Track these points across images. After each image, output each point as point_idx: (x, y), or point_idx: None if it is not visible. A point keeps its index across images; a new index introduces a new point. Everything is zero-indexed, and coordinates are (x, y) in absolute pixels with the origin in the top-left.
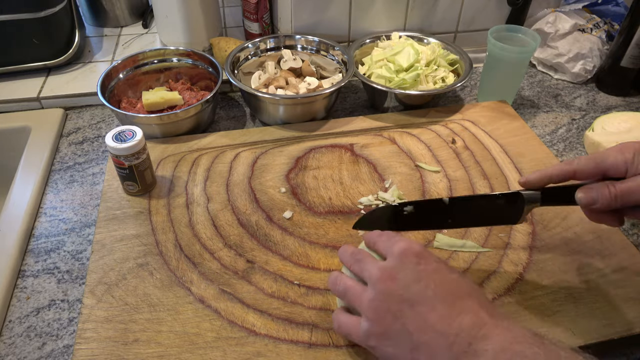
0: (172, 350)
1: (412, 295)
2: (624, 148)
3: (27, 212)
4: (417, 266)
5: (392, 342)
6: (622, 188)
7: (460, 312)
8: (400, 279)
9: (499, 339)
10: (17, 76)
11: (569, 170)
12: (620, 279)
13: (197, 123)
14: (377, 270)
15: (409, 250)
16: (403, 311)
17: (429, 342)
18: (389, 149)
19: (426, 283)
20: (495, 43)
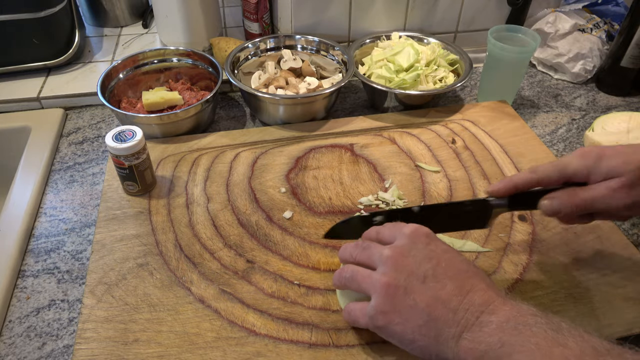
0: (172, 350)
1: (424, 272)
2: (585, 154)
3: (27, 212)
4: (428, 245)
5: (402, 318)
6: (584, 197)
7: (470, 290)
8: (412, 255)
9: (505, 313)
10: (17, 76)
11: (533, 178)
12: (620, 279)
13: (197, 123)
14: (388, 250)
15: (419, 231)
16: (414, 286)
17: (438, 317)
18: (389, 149)
19: (437, 261)
20: (495, 43)
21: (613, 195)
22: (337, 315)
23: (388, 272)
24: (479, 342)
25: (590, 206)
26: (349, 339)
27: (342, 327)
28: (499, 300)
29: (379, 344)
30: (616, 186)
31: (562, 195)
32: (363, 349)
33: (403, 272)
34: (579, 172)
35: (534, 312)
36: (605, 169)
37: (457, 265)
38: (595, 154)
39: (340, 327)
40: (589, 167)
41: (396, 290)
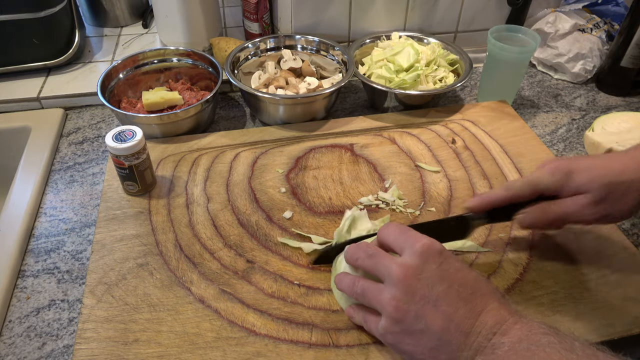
0: (172, 350)
1: (436, 295)
2: (554, 170)
3: (27, 212)
4: (441, 265)
5: (412, 340)
6: (556, 212)
7: (482, 310)
8: (423, 277)
9: (517, 333)
10: (17, 76)
11: (507, 196)
12: (620, 279)
13: (197, 123)
14: (398, 268)
15: (432, 248)
16: (426, 311)
17: (450, 341)
18: (389, 149)
19: (450, 283)
20: (495, 43)
21: (582, 211)
22: (337, 315)
23: (398, 296)
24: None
25: (561, 220)
26: (349, 339)
27: (342, 327)
28: (511, 319)
29: (378, 344)
30: (585, 202)
31: (536, 210)
32: (363, 349)
33: (415, 296)
34: (550, 188)
35: (545, 330)
36: (574, 185)
37: (470, 285)
38: (564, 172)
39: (340, 327)
40: (559, 183)
41: (406, 314)
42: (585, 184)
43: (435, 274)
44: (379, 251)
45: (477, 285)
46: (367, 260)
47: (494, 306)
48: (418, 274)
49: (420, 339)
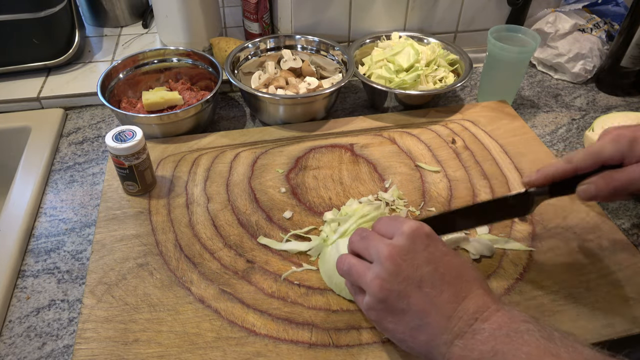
0: (172, 350)
1: (421, 277)
2: (617, 137)
3: (27, 212)
4: (428, 247)
5: (394, 319)
6: (621, 180)
7: (466, 295)
8: (409, 258)
9: (498, 320)
10: (17, 76)
11: (569, 168)
12: (620, 279)
13: (197, 123)
14: (386, 248)
15: (419, 230)
16: (410, 291)
17: (431, 323)
18: (389, 149)
19: (435, 266)
20: (495, 43)
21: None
22: (337, 315)
23: (382, 274)
24: (471, 349)
25: (627, 188)
26: (349, 339)
27: (342, 327)
28: (493, 306)
29: (378, 344)
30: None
31: (599, 180)
32: (363, 349)
33: (399, 276)
34: (613, 157)
35: (526, 318)
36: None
37: (455, 269)
38: (628, 138)
39: (340, 327)
40: (623, 151)
41: (390, 293)
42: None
43: (421, 256)
44: (371, 234)
45: (463, 271)
46: (360, 242)
47: (477, 293)
48: (404, 254)
49: (402, 318)
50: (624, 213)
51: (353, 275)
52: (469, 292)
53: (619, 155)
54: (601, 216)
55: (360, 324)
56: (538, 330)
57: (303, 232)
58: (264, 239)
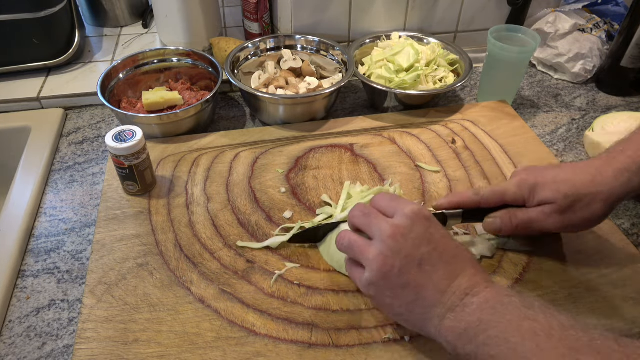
0: (172, 350)
1: (421, 255)
2: (520, 183)
3: (27, 212)
4: (428, 229)
5: (392, 293)
6: (523, 219)
7: (460, 273)
8: (411, 238)
9: (486, 295)
10: (17, 76)
11: (475, 200)
12: (620, 279)
13: (197, 123)
14: (388, 226)
15: (421, 213)
16: (409, 268)
17: (427, 297)
18: (389, 149)
19: (435, 246)
20: (495, 43)
21: (546, 220)
22: (337, 315)
23: (385, 251)
24: (460, 320)
25: (528, 227)
26: (349, 339)
27: (342, 327)
28: (483, 284)
29: (379, 344)
30: (549, 211)
31: (504, 216)
32: (363, 349)
33: (400, 253)
34: (516, 199)
35: (511, 293)
36: (539, 198)
37: (452, 250)
38: (530, 185)
39: (340, 327)
40: (525, 195)
41: (391, 269)
42: (549, 196)
43: (422, 236)
44: (373, 211)
45: (458, 253)
46: (363, 218)
47: (470, 272)
48: (406, 233)
49: (401, 293)
50: (624, 213)
51: (355, 250)
52: (463, 270)
53: (521, 199)
54: None
55: (360, 324)
56: (520, 301)
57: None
58: (241, 242)
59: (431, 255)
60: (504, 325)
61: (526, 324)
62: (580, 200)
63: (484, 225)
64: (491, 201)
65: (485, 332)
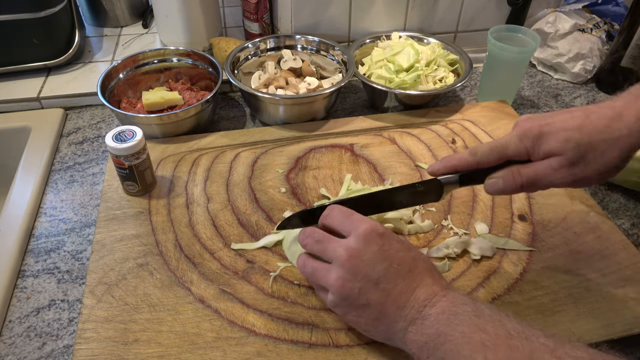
0: (172, 350)
1: (377, 274)
2: (523, 135)
3: (27, 212)
4: (382, 247)
5: (357, 313)
6: (528, 176)
7: (417, 285)
8: (366, 258)
9: (442, 305)
10: (17, 76)
11: (472, 161)
12: (620, 279)
13: (197, 123)
14: (344, 251)
15: (374, 231)
16: (368, 288)
17: (388, 314)
18: (389, 149)
19: (390, 262)
20: (495, 43)
21: (554, 174)
22: (337, 315)
23: (343, 275)
24: (421, 334)
25: (533, 184)
26: (349, 339)
27: (342, 327)
28: (440, 294)
29: (378, 344)
30: (557, 165)
31: (506, 174)
32: (363, 349)
33: (358, 275)
34: (519, 153)
35: (465, 301)
36: (545, 149)
37: (408, 264)
38: (534, 135)
39: (340, 327)
40: (528, 148)
41: (351, 291)
42: (556, 146)
43: (376, 255)
44: (325, 236)
45: (415, 264)
46: (315, 246)
47: (427, 282)
48: (361, 255)
49: (364, 312)
50: (624, 213)
51: (317, 277)
52: (420, 282)
53: (524, 152)
54: (601, 216)
55: None
56: (472, 311)
57: None
58: (236, 244)
59: (387, 272)
60: (457, 337)
61: (476, 336)
62: (593, 149)
63: (485, 187)
64: (490, 159)
65: (442, 345)
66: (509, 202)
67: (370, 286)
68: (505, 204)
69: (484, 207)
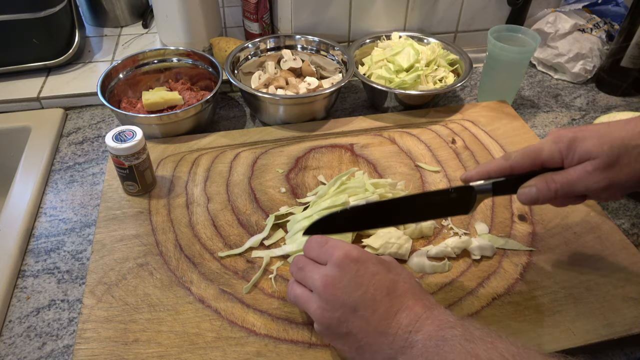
0: (172, 350)
1: (354, 301)
2: (557, 138)
3: (27, 212)
4: (357, 272)
5: (341, 341)
6: (561, 182)
7: (398, 310)
8: (342, 286)
9: (428, 329)
10: (17, 76)
11: (505, 166)
12: (620, 279)
13: (197, 123)
14: (319, 279)
15: (348, 257)
16: (347, 317)
17: (371, 342)
18: (389, 149)
19: (366, 288)
20: (495, 43)
21: (589, 178)
22: None
23: (322, 305)
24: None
25: (568, 190)
26: None
27: None
28: (424, 315)
29: None
30: (592, 169)
31: (539, 182)
32: None
33: (335, 304)
34: (553, 157)
35: (451, 322)
36: (580, 152)
37: (385, 288)
38: (568, 138)
39: None
40: (563, 151)
41: (330, 321)
42: (591, 149)
43: (352, 282)
44: (306, 263)
45: (394, 286)
46: (298, 273)
47: (408, 304)
48: (337, 283)
49: (347, 340)
50: (624, 213)
51: (300, 304)
52: (401, 305)
53: (558, 156)
54: (601, 216)
55: None
56: (461, 335)
57: None
58: (222, 252)
59: (364, 298)
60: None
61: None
62: (628, 153)
63: (518, 197)
64: (524, 164)
65: None
66: (509, 202)
67: (348, 314)
68: (505, 204)
69: (484, 207)
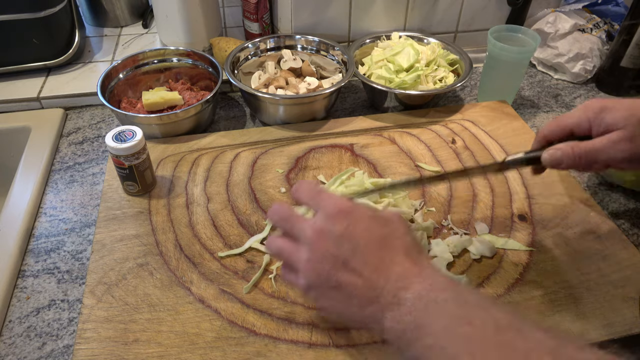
0: (172, 350)
1: (344, 254)
2: (586, 107)
3: (27, 212)
4: (348, 226)
5: (328, 296)
6: (586, 148)
7: (388, 265)
8: (333, 238)
9: (418, 288)
10: (17, 76)
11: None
12: (620, 279)
13: (197, 123)
14: (311, 231)
15: (342, 210)
16: (337, 269)
17: (360, 296)
18: (389, 149)
19: (357, 242)
20: (495, 43)
21: (614, 147)
22: None
23: (312, 257)
24: (397, 321)
25: (592, 157)
26: (349, 339)
27: (342, 327)
28: (414, 272)
29: (378, 344)
30: (617, 138)
31: (564, 146)
32: (363, 349)
33: (326, 255)
34: (579, 124)
35: (444, 285)
36: (607, 121)
37: (377, 242)
38: (597, 107)
39: (340, 327)
40: (591, 119)
41: (321, 273)
42: (618, 119)
43: (344, 234)
44: (293, 214)
45: (385, 241)
46: (283, 222)
47: (398, 260)
48: (328, 235)
49: (335, 295)
50: (624, 213)
51: (284, 256)
52: (392, 260)
53: (586, 124)
54: (601, 216)
55: None
56: (454, 297)
57: None
58: (222, 252)
59: (355, 252)
60: (439, 331)
61: (461, 330)
62: None
63: (543, 159)
64: (553, 133)
65: (422, 339)
66: (509, 202)
67: (339, 267)
68: (505, 204)
69: (484, 207)
